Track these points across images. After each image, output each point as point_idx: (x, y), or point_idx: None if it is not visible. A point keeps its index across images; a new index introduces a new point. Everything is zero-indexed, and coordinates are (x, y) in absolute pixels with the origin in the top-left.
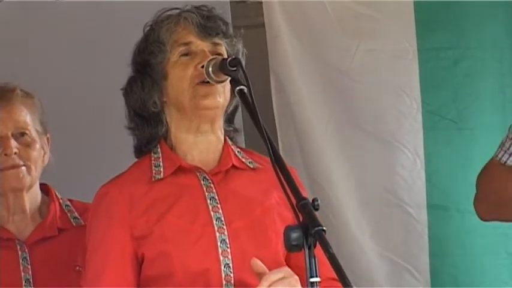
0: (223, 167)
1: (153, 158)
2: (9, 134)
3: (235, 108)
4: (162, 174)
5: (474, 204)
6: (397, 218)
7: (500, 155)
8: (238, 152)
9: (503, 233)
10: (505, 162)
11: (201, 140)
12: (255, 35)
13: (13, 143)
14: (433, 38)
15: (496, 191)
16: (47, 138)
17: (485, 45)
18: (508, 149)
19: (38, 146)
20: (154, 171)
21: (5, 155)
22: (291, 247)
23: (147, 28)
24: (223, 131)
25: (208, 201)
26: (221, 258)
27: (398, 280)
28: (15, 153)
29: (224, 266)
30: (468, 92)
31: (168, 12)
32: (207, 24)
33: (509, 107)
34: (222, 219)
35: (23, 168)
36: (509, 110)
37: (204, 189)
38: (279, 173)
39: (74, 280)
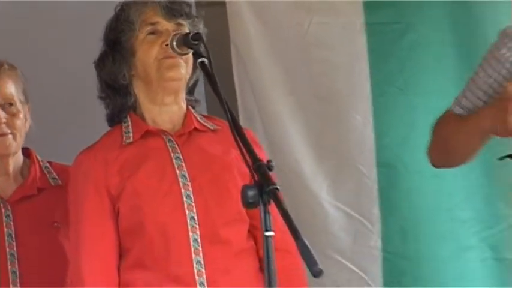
0: (187, 129)
1: (123, 127)
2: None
3: (196, 82)
4: (131, 138)
5: (427, 151)
6: (350, 175)
7: (453, 107)
8: (200, 117)
9: (448, 192)
10: (457, 113)
11: (166, 110)
12: (217, 12)
13: (1, 113)
14: (379, 14)
15: (445, 139)
16: (28, 107)
17: (425, 19)
18: (460, 102)
19: (21, 115)
20: (124, 137)
21: None
22: (247, 204)
23: (118, 8)
24: (185, 102)
25: (174, 160)
26: (187, 212)
27: (353, 231)
28: (4, 122)
29: (190, 219)
30: (413, 62)
31: None
32: (172, 6)
33: (449, 74)
34: (187, 176)
35: (10, 136)
36: (448, 77)
37: (170, 150)
38: (236, 135)
39: (52, 235)
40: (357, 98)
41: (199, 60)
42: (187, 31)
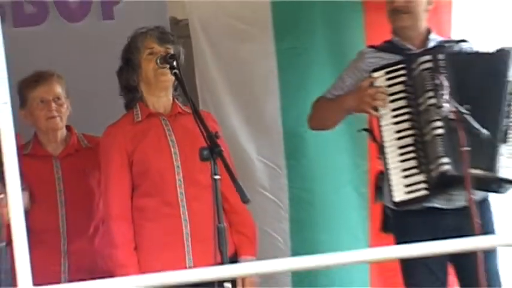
0: (173, 112)
1: (134, 111)
2: (51, 99)
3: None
4: (140, 118)
5: (307, 119)
6: (267, 139)
7: (325, 94)
8: (182, 105)
9: (331, 151)
10: (328, 97)
11: (160, 100)
12: (186, 42)
13: (53, 104)
14: (287, 40)
15: (320, 113)
16: (69, 100)
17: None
18: (331, 92)
19: (65, 105)
20: (135, 117)
21: (48, 111)
22: (202, 159)
23: (130, 38)
24: (171, 95)
25: (166, 132)
26: (174, 163)
27: (270, 174)
28: (55, 109)
29: (176, 168)
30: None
31: (140, 30)
32: (162, 37)
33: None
34: (174, 141)
35: (58, 118)
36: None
37: (164, 125)
38: (196, 116)
39: (84, 178)
40: (268, 96)
41: (173, 71)
42: (172, 52)
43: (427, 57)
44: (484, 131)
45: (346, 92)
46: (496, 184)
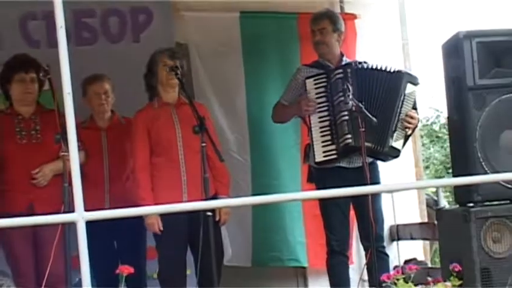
0: (178, 102)
1: (154, 101)
2: (102, 92)
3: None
4: (156, 105)
5: (271, 116)
6: (239, 118)
7: (281, 100)
8: (184, 98)
9: (284, 135)
10: (282, 103)
11: (170, 95)
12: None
13: (103, 96)
14: (253, 53)
15: (279, 113)
16: (114, 94)
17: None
18: (282, 96)
19: (111, 97)
20: (153, 105)
21: (99, 100)
22: (194, 133)
23: (152, 55)
24: (177, 92)
25: (173, 115)
26: (177, 134)
27: (239, 145)
28: (104, 99)
29: (178, 138)
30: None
31: (159, 50)
32: (172, 54)
33: (279, 75)
34: (178, 121)
35: (105, 105)
36: (278, 74)
37: (171, 110)
38: (193, 108)
39: (123, 146)
40: (238, 91)
41: (177, 76)
42: (177, 64)
43: (339, 70)
44: (374, 119)
45: (292, 97)
46: (382, 155)
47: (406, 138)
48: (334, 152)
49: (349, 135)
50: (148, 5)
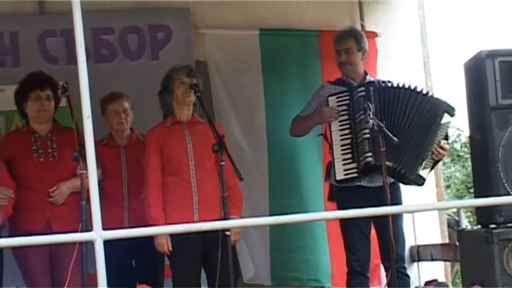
0: (192, 121)
1: (167, 120)
2: (121, 111)
3: (196, 103)
4: (169, 124)
5: (289, 130)
6: (256, 139)
7: (300, 113)
8: (198, 117)
9: (301, 148)
10: (301, 116)
11: (184, 113)
12: (205, 76)
13: (122, 115)
14: (273, 72)
15: (298, 125)
16: (133, 112)
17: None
18: (303, 112)
19: (130, 115)
20: (166, 123)
21: (119, 118)
22: (213, 151)
23: (167, 73)
24: (192, 110)
25: (185, 134)
26: (189, 154)
27: (258, 164)
28: (123, 118)
29: (190, 157)
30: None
31: (175, 67)
32: (189, 72)
33: (299, 92)
34: (190, 140)
35: (125, 124)
36: (298, 91)
37: (183, 130)
38: (212, 126)
39: (140, 162)
40: (258, 108)
41: (196, 94)
42: (195, 82)
43: (362, 88)
44: (395, 139)
45: (313, 112)
46: (407, 180)
47: (433, 167)
48: (355, 170)
49: (369, 154)
50: (168, 23)
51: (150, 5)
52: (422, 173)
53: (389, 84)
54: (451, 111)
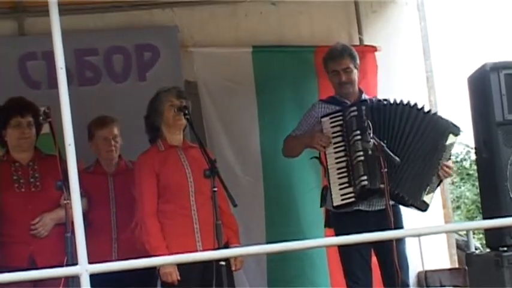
0: (184, 145)
1: (158, 143)
2: (111, 138)
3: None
4: (162, 148)
5: (282, 150)
6: (250, 161)
7: (292, 133)
8: (190, 141)
9: (298, 173)
10: (293, 135)
11: (175, 137)
12: (195, 98)
13: (112, 142)
14: (266, 88)
15: (289, 146)
16: (122, 138)
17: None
18: (295, 132)
19: (119, 142)
20: (159, 148)
21: (109, 146)
22: (205, 177)
23: (155, 94)
24: (182, 135)
25: (182, 159)
26: (188, 180)
27: (252, 190)
28: (113, 145)
29: (189, 183)
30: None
31: (164, 89)
32: (179, 94)
33: (295, 113)
34: (188, 165)
35: (114, 151)
36: (294, 112)
37: (179, 154)
38: (203, 151)
39: (130, 190)
40: (252, 131)
41: (185, 117)
42: (185, 104)
43: (353, 108)
44: (397, 159)
45: (304, 132)
46: (410, 206)
47: (436, 188)
48: (352, 194)
49: (365, 177)
50: (154, 42)
51: (136, 23)
52: (426, 198)
53: (385, 102)
54: (456, 131)
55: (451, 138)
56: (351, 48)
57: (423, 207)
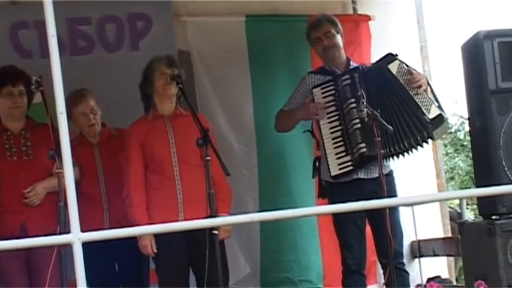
0: (175, 114)
1: (148, 114)
2: (88, 111)
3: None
4: (150, 118)
5: (274, 125)
6: (243, 130)
7: (284, 107)
8: (182, 109)
9: (290, 141)
10: (285, 110)
11: (166, 106)
12: (189, 67)
13: (91, 115)
14: (259, 62)
15: (282, 120)
16: (99, 107)
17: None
18: (287, 106)
19: (98, 113)
20: (147, 118)
21: (88, 120)
22: (198, 146)
23: (148, 63)
24: (174, 103)
25: (167, 129)
26: (171, 149)
27: (247, 159)
28: (92, 118)
29: (172, 153)
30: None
31: (155, 57)
32: (170, 63)
33: (288, 82)
34: (172, 134)
35: (95, 124)
36: (287, 82)
37: (166, 124)
38: (195, 118)
39: (116, 158)
40: (245, 100)
41: (178, 86)
42: (176, 72)
43: (346, 76)
44: (390, 128)
45: (297, 106)
46: (431, 137)
47: (432, 98)
48: (350, 163)
49: (363, 144)
50: (147, 11)
51: None
52: (432, 114)
53: (372, 66)
54: (391, 58)
55: (393, 66)
56: (329, 15)
57: (439, 122)
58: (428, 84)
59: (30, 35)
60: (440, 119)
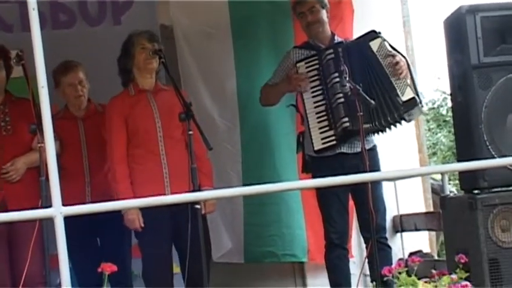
0: (156, 89)
1: (129, 87)
2: (77, 83)
3: (159, 69)
4: (133, 92)
5: (259, 99)
6: (227, 106)
7: (268, 81)
8: (162, 84)
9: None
10: (270, 84)
11: (147, 81)
12: (171, 42)
13: (78, 87)
14: (241, 42)
15: (266, 94)
16: (88, 82)
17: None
18: (271, 80)
19: (87, 86)
20: (130, 92)
21: (75, 91)
22: (180, 120)
23: (128, 37)
24: (155, 78)
25: (151, 102)
26: (156, 123)
27: (229, 134)
28: (80, 90)
29: (157, 127)
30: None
31: (136, 31)
32: (151, 37)
33: (271, 58)
34: (156, 108)
35: (82, 96)
36: (270, 57)
37: (149, 98)
38: (178, 93)
39: (100, 133)
40: (228, 75)
41: (161, 60)
42: (157, 47)
43: (330, 51)
44: (372, 102)
45: (280, 80)
46: (402, 119)
47: (411, 84)
48: (333, 137)
49: (346, 119)
50: None
51: None
52: (406, 97)
53: (354, 41)
54: (373, 36)
55: (375, 43)
56: None
57: (411, 105)
58: (409, 68)
59: (11, 9)
60: (413, 102)
